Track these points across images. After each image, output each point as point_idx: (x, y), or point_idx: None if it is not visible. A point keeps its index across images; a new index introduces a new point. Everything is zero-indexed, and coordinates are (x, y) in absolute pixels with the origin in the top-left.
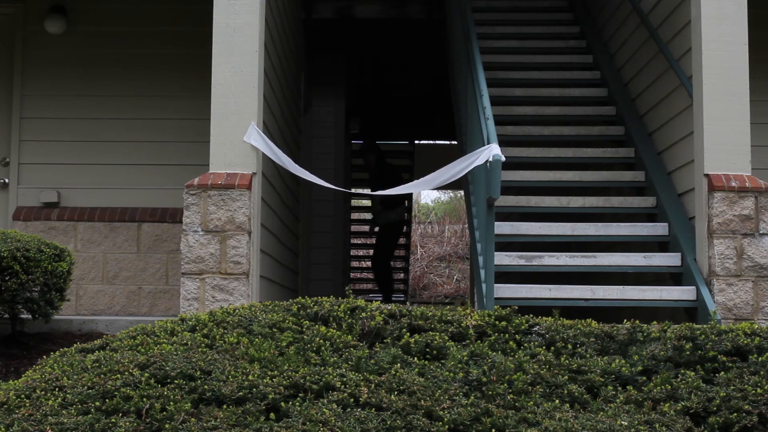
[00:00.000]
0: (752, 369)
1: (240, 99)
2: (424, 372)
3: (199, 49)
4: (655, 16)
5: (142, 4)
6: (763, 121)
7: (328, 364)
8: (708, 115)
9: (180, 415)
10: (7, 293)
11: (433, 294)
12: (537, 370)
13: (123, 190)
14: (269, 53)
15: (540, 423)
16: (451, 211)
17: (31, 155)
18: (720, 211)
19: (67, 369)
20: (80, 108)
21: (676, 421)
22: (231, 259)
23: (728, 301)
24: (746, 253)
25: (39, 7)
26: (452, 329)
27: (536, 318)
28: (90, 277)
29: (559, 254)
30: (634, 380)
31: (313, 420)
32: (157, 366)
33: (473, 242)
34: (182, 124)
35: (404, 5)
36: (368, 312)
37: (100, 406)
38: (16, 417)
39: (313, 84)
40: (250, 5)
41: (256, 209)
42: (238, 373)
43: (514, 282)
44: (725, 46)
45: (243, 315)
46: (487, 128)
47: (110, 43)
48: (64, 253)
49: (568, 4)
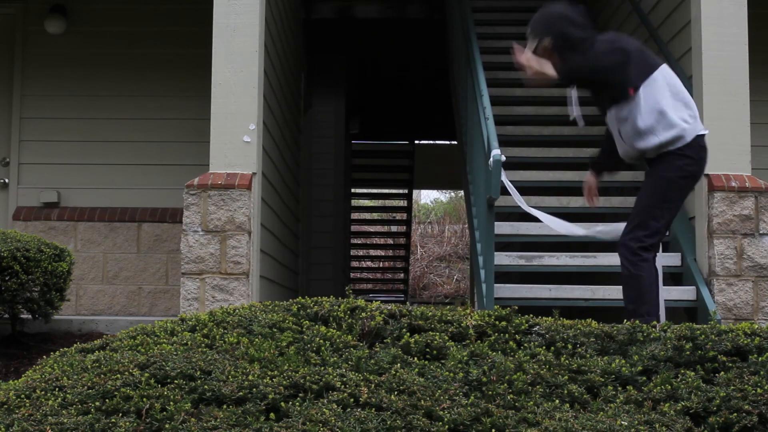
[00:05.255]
0: (752, 369)
1: (240, 99)
2: (424, 372)
3: (199, 49)
4: (655, 16)
5: (142, 4)
6: (763, 121)
7: (328, 364)
8: (708, 115)
9: (180, 415)
10: (7, 293)
11: (433, 294)
12: (537, 370)
13: (123, 190)
14: (269, 53)
15: (540, 423)
16: (451, 211)
17: (31, 155)
18: (720, 211)
19: (67, 369)
20: (80, 108)
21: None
22: (231, 259)
23: (728, 301)
24: (746, 253)
25: (39, 7)
26: (452, 329)
27: (536, 318)
28: (90, 277)
29: (559, 254)
30: (634, 380)
31: (313, 420)
32: (157, 366)
33: (473, 242)
34: (182, 124)
35: (404, 5)
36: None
37: (100, 406)
38: (16, 417)
39: (313, 84)
40: (250, 5)
41: (256, 209)
42: (238, 373)
43: (514, 282)
44: (725, 46)
45: (243, 315)
46: (487, 128)
47: (110, 43)
48: (64, 253)
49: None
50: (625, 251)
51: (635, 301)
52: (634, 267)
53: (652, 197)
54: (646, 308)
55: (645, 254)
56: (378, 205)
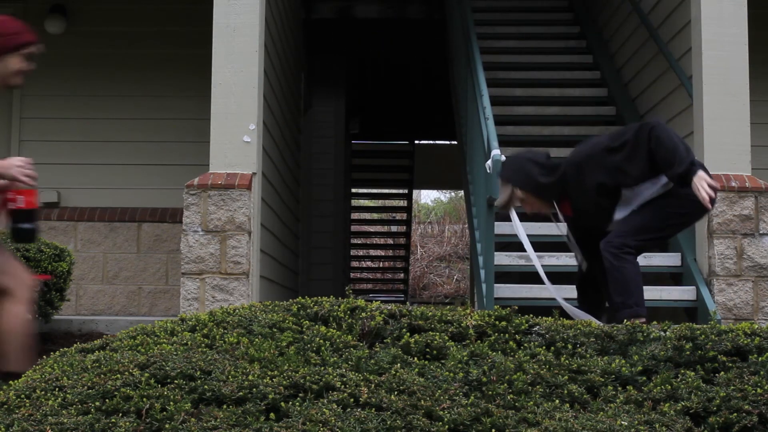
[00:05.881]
0: (752, 369)
1: (240, 99)
2: (424, 372)
3: (199, 49)
4: (655, 16)
5: (142, 4)
6: (763, 121)
7: (328, 364)
8: (708, 115)
9: (180, 415)
10: None
11: (433, 294)
12: (537, 370)
13: (123, 190)
14: (269, 53)
15: (540, 423)
16: (451, 211)
17: (31, 155)
18: (720, 211)
19: (67, 369)
20: (80, 108)
21: (676, 421)
22: (231, 259)
23: (728, 301)
24: (746, 253)
25: (39, 7)
26: (452, 329)
27: (536, 318)
28: (90, 277)
29: (559, 254)
30: (634, 380)
31: (313, 420)
32: (157, 366)
33: (473, 242)
34: (182, 124)
35: (404, 5)
36: (368, 312)
37: (100, 406)
38: (16, 417)
39: (313, 84)
40: (250, 5)
41: (256, 209)
42: (238, 373)
43: (514, 282)
44: (725, 46)
45: (243, 315)
46: (487, 128)
47: (110, 43)
48: (64, 253)
49: (568, 4)
50: (609, 246)
51: (622, 293)
52: (616, 259)
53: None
54: (634, 299)
55: (628, 249)
56: (378, 205)
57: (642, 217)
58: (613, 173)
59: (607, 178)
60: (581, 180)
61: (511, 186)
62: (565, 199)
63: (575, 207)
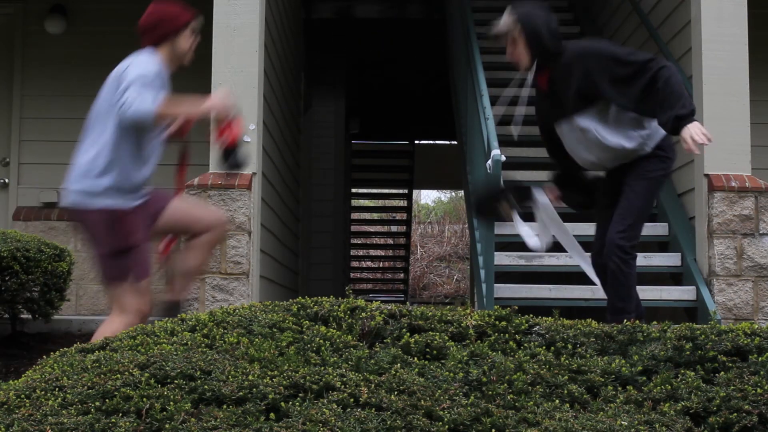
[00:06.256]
0: (752, 369)
1: (240, 99)
2: (424, 372)
3: (199, 49)
4: (655, 16)
5: (142, 4)
6: (763, 121)
7: (328, 364)
8: (708, 115)
9: (180, 415)
10: (7, 293)
11: (433, 294)
12: (537, 370)
13: None
14: (269, 53)
15: (540, 423)
16: (451, 211)
17: (31, 155)
18: (720, 211)
19: (67, 369)
20: (80, 108)
21: (676, 421)
22: (231, 259)
23: (728, 301)
24: (746, 253)
25: (39, 7)
26: (452, 329)
27: (536, 318)
28: (90, 277)
29: (559, 254)
30: (634, 380)
31: (313, 420)
32: (157, 366)
33: (473, 242)
34: None
35: (404, 5)
36: (368, 312)
37: (100, 406)
38: (16, 417)
39: (313, 84)
40: (250, 5)
41: (256, 209)
42: (238, 373)
43: (514, 282)
44: (725, 46)
45: (243, 315)
46: (488, 128)
47: (110, 43)
48: (64, 253)
49: (568, 4)
50: (618, 251)
51: (624, 298)
52: (626, 265)
53: (644, 198)
54: (633, 305)
55: (634, 253)
56: (378, 205)
57: (633, 196)
58: (605, 79)
59: (599, 79)
60: (574, 65)
61: (515, 20)
62: (547, 71)
63: (551, 87)
